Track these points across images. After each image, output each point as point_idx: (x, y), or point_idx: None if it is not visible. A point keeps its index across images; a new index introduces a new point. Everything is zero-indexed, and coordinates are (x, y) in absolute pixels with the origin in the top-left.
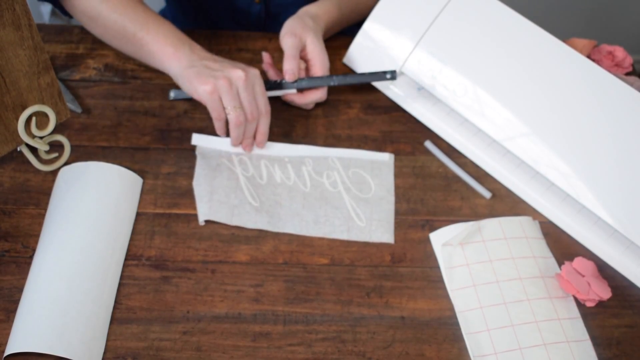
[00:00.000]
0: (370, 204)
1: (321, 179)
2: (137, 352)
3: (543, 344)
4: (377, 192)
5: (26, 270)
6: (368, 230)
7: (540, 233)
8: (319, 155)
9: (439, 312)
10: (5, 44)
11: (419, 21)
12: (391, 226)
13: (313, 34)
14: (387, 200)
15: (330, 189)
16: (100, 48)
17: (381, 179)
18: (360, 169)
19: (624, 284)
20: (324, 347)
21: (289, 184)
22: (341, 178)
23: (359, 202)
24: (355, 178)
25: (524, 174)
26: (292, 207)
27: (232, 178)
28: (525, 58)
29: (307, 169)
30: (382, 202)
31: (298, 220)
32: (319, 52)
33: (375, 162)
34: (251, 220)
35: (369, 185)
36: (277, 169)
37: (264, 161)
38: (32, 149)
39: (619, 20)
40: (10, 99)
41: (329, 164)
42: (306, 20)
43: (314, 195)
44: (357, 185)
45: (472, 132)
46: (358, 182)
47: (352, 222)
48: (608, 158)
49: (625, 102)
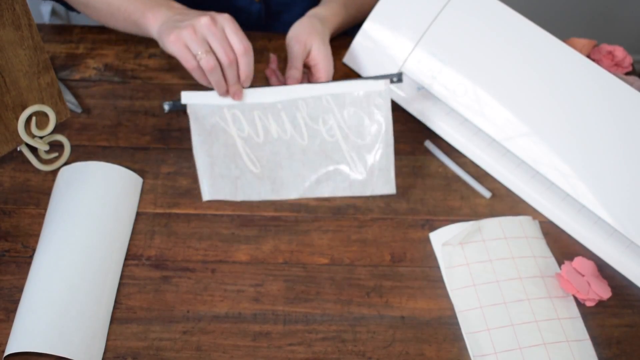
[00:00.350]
0: (369, 152)
1: (317, 126)
2: (137, 351)
3: (543, 343)
4: (375, 134)
5: (26, 270)
6: (370, 183)
7: (540, 233)
8: (312, 95)
9: (439, 311)
10: (5, 44)
11: (419, 21)
12: (391, 174)
13: (320, 40)
14: (386, 143)
15: (328, 138)
16: (100, 48)
17: (378, 116)
18: (356, 107)
19: (624, 283)
20: (324, 346)
21: (285, 138)
22: (337, 122)
23: (358, 152)
24: (351, 119)
25: (524, 173)
26: (292, 168)
27: (229, 143)
28: (525, 58)
29: (302, 115)
30: (380, 146)
31: (300, 182)
32: (323, 58)
33: (370, 94)
34: (255, 191)
35: (366, 126)
36: (272, 121)
37: (257, 113)
38: (32, 149)
39: (619, 20)
40: (10, 99)
41: (323, 105)
42: (314, 24)
43: (312, 149)
44: (354, 129)
45: (472, 132)
46: (355, 124)
47: (353, 176)
48: (608, 158)
49: (625, 102)
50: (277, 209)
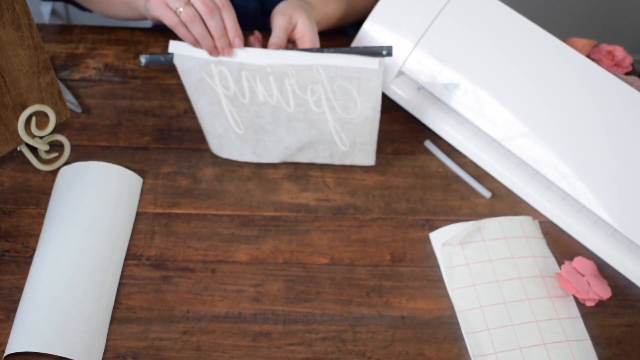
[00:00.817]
0: (354, 126)
1: (305, 95)
2: (137, 351)
3: (543, 343)
4: (362, 110)
5: (26, 270)
6: (351, 154)
7: (540, 232)
8: (303, 63)
9: (439, 311)
10: (5, 44)
11: (418, 21)
12: (373, 148)
13: (305, 15)
14: (371, 120)
15: (315, 109)
16: (100, 48)
17: (368, 93)
18: (346, 81)
19: (624, 283)
20: (324, 346)
21: (272, 102)
22: (326, 94)
23: (343, 125)
24: (340, 93)
25: (523, 173)
26: (276, 133)
27: (215, 102)
28: (525, 58)
29: (290, 82)
30: (366, 122)
31: (283, 148)
32: (310, 31)
33: (363, 71)
34: (238, 151)
35: (354, 102)
36: (259, 84)
37: (244, 73)
38: (32, 149)
39: (619, 20)
40: (10, 99)
41: (313, 75)
42: (301, 3)
43: (297, 118)
44: (342, 103)
45: (472, 132)
46: (344, 98)
47: (335, 147)
48: (608, 158)
49: (625, 102)
50: (277, 209)
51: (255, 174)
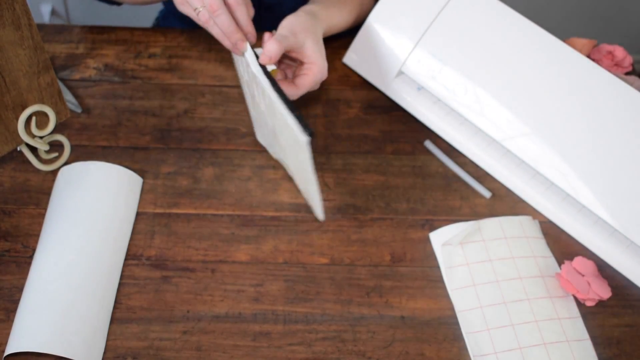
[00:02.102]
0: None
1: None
2: (137, 351)
3: (543, 343)
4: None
5: (26, 270)
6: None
7: (540, 232)
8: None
9: (439, 311)
10: (5, 44)
11: (419, 21)
12: (318, 205)
13: (313, 39)
14: (311, 182)
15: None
16: (100, 48)
17: (300, 159)
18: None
19: (624, 283)
20: (324, 346)
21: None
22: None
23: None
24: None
25: (523, 173)
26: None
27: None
28: (525, 58)
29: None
30: (307, 183)
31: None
32: (318, 57)
33: (296, 136)
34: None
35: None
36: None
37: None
38: (32, 149)
39: (619, 20)
40: (10, 99)
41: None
42: (310, 21)
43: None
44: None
45: (472, 132)
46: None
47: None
48: (608, 158)
49: (625, 102)
50: (277, 209)
51: (255, 174)
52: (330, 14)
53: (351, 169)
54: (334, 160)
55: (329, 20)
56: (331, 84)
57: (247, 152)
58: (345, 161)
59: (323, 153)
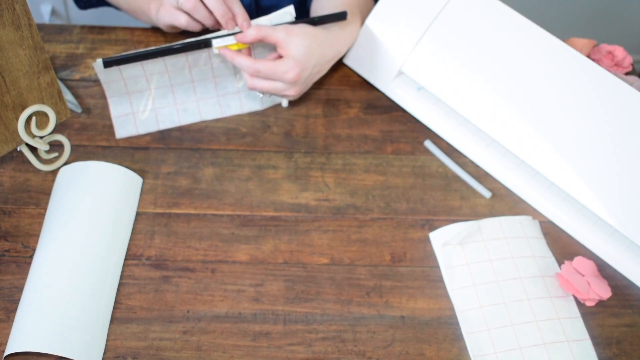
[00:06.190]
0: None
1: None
2: (137, 351)
3: (543, 343)
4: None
5: (26, 270)
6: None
7: (540, 232)
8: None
9: (439, 311)
10: (5, 44)
11: (418, 21)
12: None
13: (306, 42)
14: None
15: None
16: (100, 48)
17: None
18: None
19: (624, 283)
20: (324, 346)
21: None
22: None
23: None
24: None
25: (523, 173)
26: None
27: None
28: (525, 58)
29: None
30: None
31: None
32: (298, 58)
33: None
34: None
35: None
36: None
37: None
38: (32, 149)
39: (619, 20)
40: (10, 99)
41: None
42: (313, 29)
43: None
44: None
45: (472, 132)
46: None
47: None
48: (608, 157)
49: (625, 102)
50: (277, 209)
51: (255, 174)
52: (342, 43)
53: (351, 169)
54: (334, 160)
55: (338, 47)
56: (331, 84)
57: (247, 152)
58: (345, 161)
59: (323, 153)
